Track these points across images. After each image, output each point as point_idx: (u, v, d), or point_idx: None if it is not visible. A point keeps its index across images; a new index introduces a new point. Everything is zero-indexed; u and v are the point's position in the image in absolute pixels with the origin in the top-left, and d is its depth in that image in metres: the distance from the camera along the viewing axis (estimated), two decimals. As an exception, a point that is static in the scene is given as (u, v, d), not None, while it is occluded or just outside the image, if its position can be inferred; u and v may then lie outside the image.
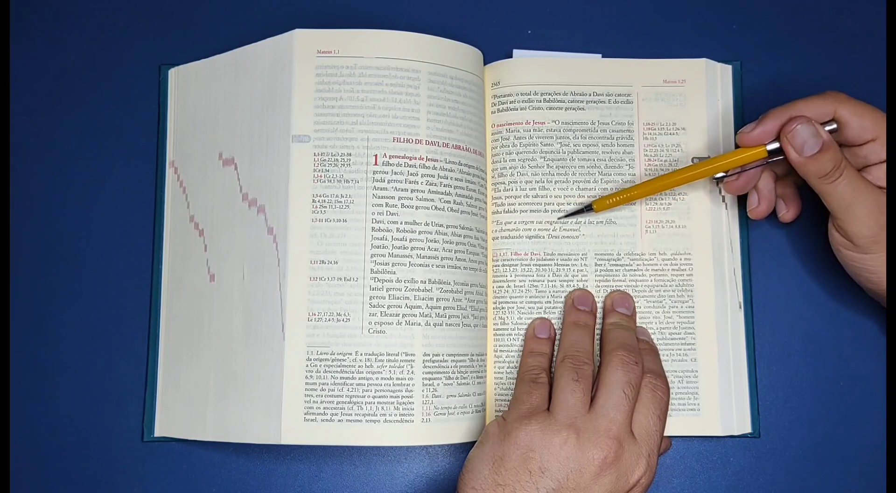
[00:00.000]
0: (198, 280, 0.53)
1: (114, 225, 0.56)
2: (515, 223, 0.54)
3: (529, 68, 0.55)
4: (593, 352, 0.49)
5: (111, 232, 0.56)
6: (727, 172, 0.50)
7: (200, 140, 0.55)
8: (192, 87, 0.56)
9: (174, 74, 0.57)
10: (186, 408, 0.52)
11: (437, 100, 0.51)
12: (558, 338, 0.52)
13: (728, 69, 0.56)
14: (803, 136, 0.46)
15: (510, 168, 0.54)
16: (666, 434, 0.48)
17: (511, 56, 0.57)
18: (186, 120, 0.55)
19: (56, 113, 0.57)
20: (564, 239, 0.53)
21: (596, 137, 0.54)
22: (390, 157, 0.50)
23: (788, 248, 0.55)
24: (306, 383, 0.49)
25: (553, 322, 0.52)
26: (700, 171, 0.50)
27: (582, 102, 0.55)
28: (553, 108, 0.54)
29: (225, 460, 0.54)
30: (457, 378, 0.50)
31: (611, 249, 0.53)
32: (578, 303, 0.52)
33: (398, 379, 0.49)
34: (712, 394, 0.52)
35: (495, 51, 0.56)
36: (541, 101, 0.54)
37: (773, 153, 0.48)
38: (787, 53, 0.57)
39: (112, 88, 0.57)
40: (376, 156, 0.50)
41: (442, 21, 0.57)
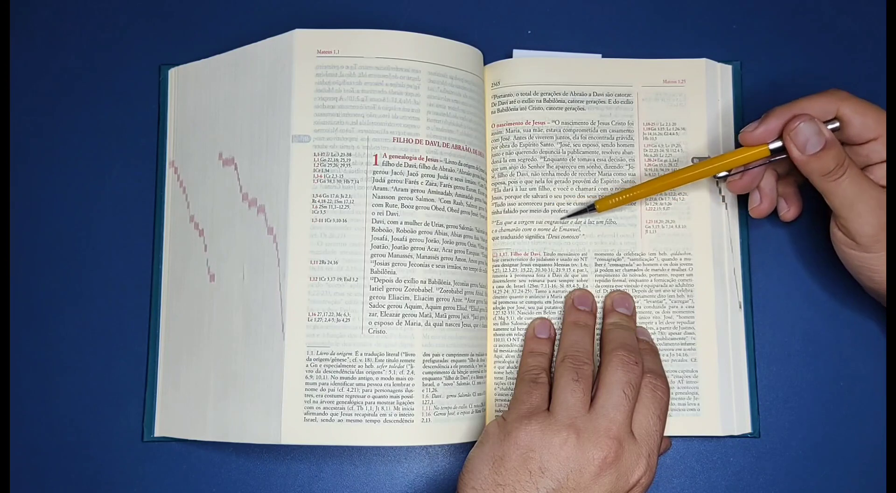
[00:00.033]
0: (198, 280, 0.53)
1: (114, 225, 0.56)
2: (515, 223, 0.54)
3: (529, 68, 0.55)
4: (593, 352, 0.49)
5: (111, 232, 0.56)
6: (730, 171, 0.50)
7: (200, 140, 0.54)
8: (192, 87, 0.56)
9: (174, 74, 0.57)
10: (186, 408, 0.52)
11: (437, 100, 0.51)
12: (558, 338, 0.52)
13: (728, 69, 0.56)
14: (806, 134, 0.46)
15: (510, 168, 0.54)
16: (666, 434, 0.48)
17: (511, 56, 0.57)
18: (186, 120, 0.55)
19: (56, 113, 0.57)
20: (564, 239, 0.53)
21: (596, 137, 0.54)
22: (390, 157, 0.50)
23: (788, 248, 0.55)
24: (306, 383, 0.49)
25: (553, 322, 0.52)
26: (703, 170, 0.50)
27: (582, 102, 0.55)
28: (553, 108, 0.54)
29: (225, 460, 0.54)
30: (457, 378, 0.50)
31: (611, 249, 0.53)
32: (578, 303, 0.52)
33: (398, 379, 0.49)
34: (712, 394, 0.52)
35: (495, 51, 0.56)
36: (541, 101, 0.54)
37: (776, 152, 0.48)
38: (787, 53, 0.57)
39: (112, 88, 0.57)
40: (376, 156, 0.50)
41: (442, 21, 0.57)
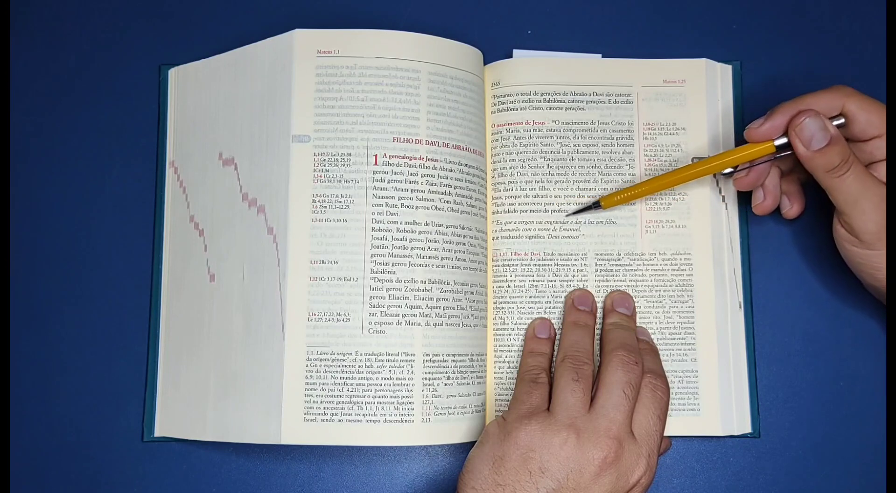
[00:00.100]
0: (198, 280, 0.53)
1: (114, 225, 0.56)
2: (515, 223, 0.54)
3: (529, 68, 0.55)
4: (593, 352, 0.49)
5: (111, 232, 0.56)
6: (736, 167, 0.50)
7: (200, 140, 0.54)
8: (192, 87, 0.56)
9: (174, 74, 0.57)
10: (186, 408, 0.52)
11: (437, 100, 0.51)
12: (558, 338, 0.52)
13: (728, 69, 0.56)
14: (811, 129, 0.46)
15: (510, 168, 0.54)
16: (666, 434, 0.48)
17: (511, 56, 0.57)
18: (186, 120, 0.55)
19: (56, 113, 0.57)
20: (564, 239, 0.53)
21: (596, 137, 0.54)
22: (390, 157, 0.50)
23: (788, 248, 0.55)
24: (306, 383, 0.49)
25: (553, 322, 0.52)
26: (708, 166, 0.50)
27: (582, 102, 0.55)
28: (553, 108, 0.54)
29: (225, 460, 0.54)
30: (457, 378, 0.50)
31: (611, 249, 0.53)
32: (578, 303, 0.52)
33: (398, 379, 0.49)
34: (712, 394, 0.52)
35: (495, 51, 0.56)
36: (541, 101, 0.54)
37: (781, 148, 0.48)
38: (787, 53, 0.57)
39: (112, 88, 0.57)
40: (376, 156, 0.50)
41: (442, 21, 0.57)
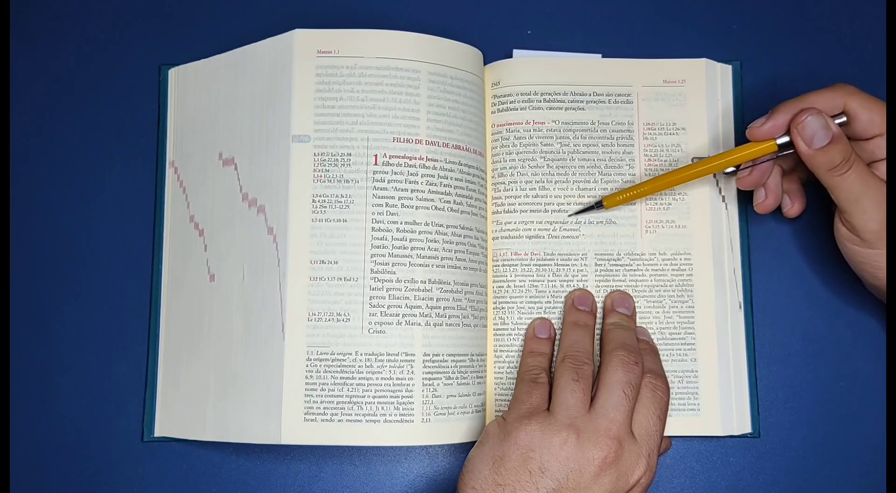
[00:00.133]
0: (198, 280, 0.53)
1: (114, 225, 0.56)
2: (515, 223, 0.54)
3: (529, 68, 0.55)
4: (593, 352, 0.49)
5: (111, 232, 0.56)
6: (738, 167, 0.50)
7: (200, 140, 0.54)
8: (192, 87, 0.56)
9: (174, 74, 0.57)
10: (186, 408, 0.52)
11: (437, 100, 0.51)
12: (558, 338, 0.52)
13: (728, 69, 0.56)
14: (813, 127, 0.46)
15: (510, 168, 0.54)
16: (666, 434, 0.48)
17: (511, 56, 0.57)
18: (186, 120, 0.55)
19: (56, 113, 0.57)
20: (564, 239, 0.53)
21: (596, 137, 0.54)
22: (390, 157, 0.50)
23: (788, 248, 0.55)
24: (306, 383, 0.49)
25: (553, 322, 0.52)
26: (711, 166, 0.50)
27: (582, 102, 0.55)
28: (553, 108, 0.54)
29: (225, 460, 0.54)
30: (457, 378, 0.50)
31: (611, 249, 0.53)
32: (578, 303, 0.52)
33: (398, 379, 0.49)
34: (712, 394, 0.52)
35: (495, 51, 0.56)
36: (541, 101, 0.54)
37: (783, 147, 0.48)
38: (787, 53, 0.57)
39: (112, 88, 0.57)
40: (376, 156, 0.50)
41: (442, 21, 0.57)
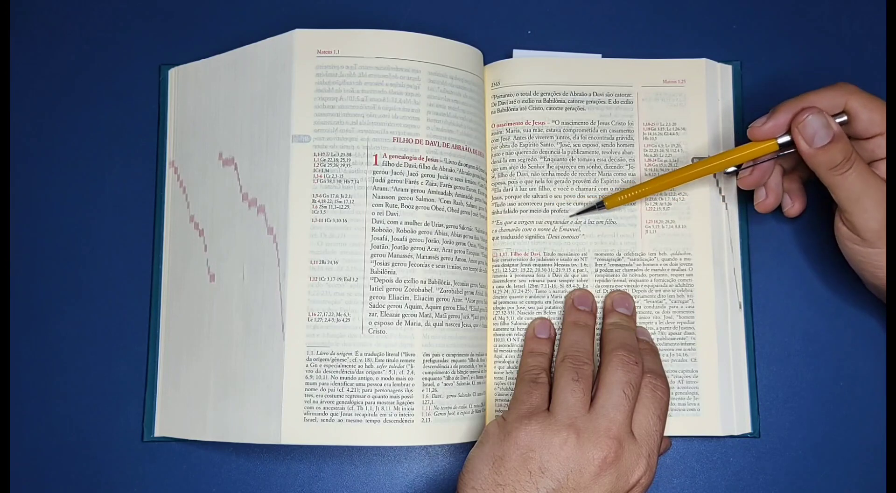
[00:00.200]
0: (198, 280, 0.53)
1: (114, 225, 0.56)
2: (515, 223, 0.54)
3: (529, 68, 0.55)
4: (593, 352, 0.49)
5: (111, 232, 0.56)
6: (739, 166, 0.50)
7: (200, 140, 0.54)
8: (192, 87, 0.56)
9: (174, 74, 0.57)
10: (186, 408, 0.52)
11: (437, 100, 0.51)
12: (558, 338, 0.52)
13: (728, 69, 0.56)
14: (814, 126, 0.46)
15: (510, 168, 0.54)
16: (666, 434, 0.48)
17: (511, 56, 0.57)
18: (186, 120, 0.55)
19: (56, 113, 0.57)
20: (564, 239, 0.53)
21: (596, 137, 0.54)
22: (390, 157, 0.50)
23: (788, 247, 0.55)
24: (306, 383, 0.49)
25: (553, 322, 0.52)
26: (712, 165, 0.50)
27: (582, 102, 0.55)
28: (553, 108, 0.54)
29: (225, 460, 0.54)
30: (457, 378, 0.50)
31: (611, 249, 0.53)
32: (578, 303, 0.52)
33: (398, 379, 0.49)
34: (712, 394, 0.52)
35: (495, 51, 0.56)
36: (541, 101, 0.54)
37: (784, 146, 0.48)
38: (787, 53, 0.57)
39: (112, 88, 0.57)
40: (376, 156, 0.50)
41: (442, 21, 0.57)
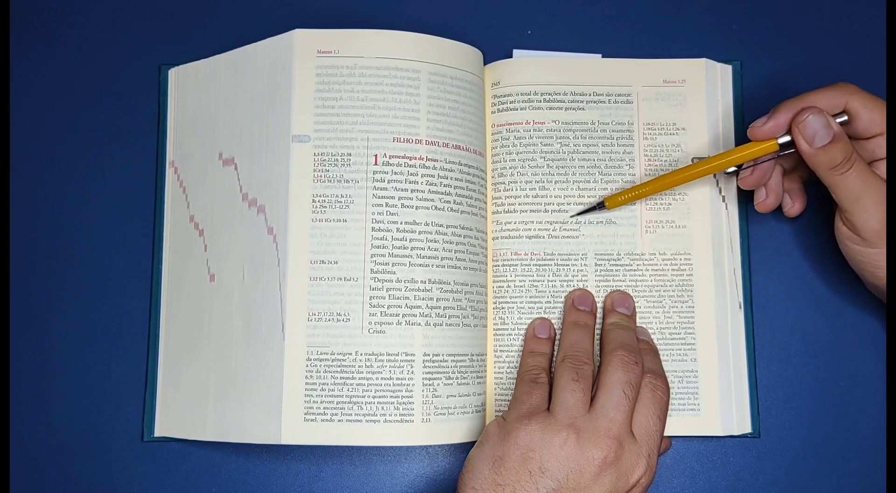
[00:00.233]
0: (198, 280, 0.53)
1: (114, 225, 0.56)
2: (515, 223, 0.54)
3: (529, 68, 0.55)
4: (593, 352, 0.49)
5: (111, 232, 0.56)
6: (740, 166, 0.50)
7: (200, 140, 0.54)
8: (192, 87, 0.56)
9: (174, 74, 0.57)
10: (186, 408, 0.52)
11: (437, 100, 0.51)
12: (558, 338, 0.52)
13: (728, 69, 0.56)
14: (814, 126, 0.46)
15: (510, 168, 0.54)
16: (666, 434, 0.48)
17: (511, 56, 0.57)
18: (186, 120, 0.55)
19: (56, 113, 0.57)
20: (564, 239, 0.53)
21: (596, 137, 0.54)
22: (390, 157, 0.50)
23: (788, 248, 0.55)
24: (306, 383, 0.49)
25: (553, 322, 0.52)
26: (713, 165, 0.50)
27: (582, 102, 0.55)
28: (553, 108, 0.54)
29: (225, 460, 0.54)
30: (457, 378, 0.50)
31: (611, 249, 0.53)
32: (578, 303, 0.52)
33: (398, 379, 0.49)
34: (712, 394, 0.52)
35: (495, 51, 0.56)
36: (541, 101, 0.54)
37: (785, 146, 0.48)
38: (787, 53, 0.57)
39: (112, 88, 0.57)
40: (376, 156, 0.50)
41: (442, 21, 0.57)
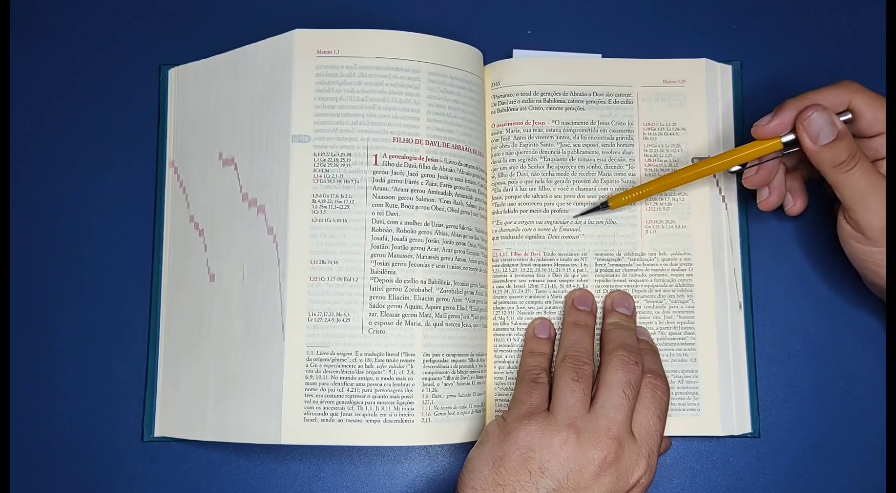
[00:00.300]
0: (198, 280, 0.53)
1: (114, 225, 0.56)
2: (515, 223, 0.54)
3: (529, 68, 0.55)
4: (593, 352, 0.49)
5: (111, 232, 0.56)
6: (744, 165, 0.50)
7: (200, 140, 0.55)
8: (192, 87, 0.56)
9: (174, 74, 0.57)
10: (186, 408, 0.52)
11: (437, 100, 0.51)
12: (558, 338, 0.52)
13: (728, 69, 0.56)
14: (819, 123, 0.46)
15: (510, 168, 0.54)
16: (666, 434, 0.48)
17: (511, 56, 0.57)
18: (186, 120, 0.55)
19: (56, 113, 0.57)
20: (564, 239, 0.53)
21: (596, 137, 0.54)
22: (390, 157, 0.50)
23: (788, 248, 0.55)
24: (306, 383, 0.49)
25: (553, 322, 0.52)
26: (716, 165, 0.50)
27: (582, 102, 0.55)
28: (553, 108, 0.54)
29: (225, 460, 0.54)
30: (457, 378, 0.50)
31: (611, 249, 0.53)
32: (578, 303, 0.52)
33: (398, 379, 0.49)
34: (712, 394, 0.52)
35: (495, 51, 0.56)
36: (541, 101, 0.54)
37: (789, 145, 0.48)
38: (787, 53, 0.57)
39: (112, 88, 0.57)
40: (376, 156, 0.50)
41: (442, 21, 0.57)
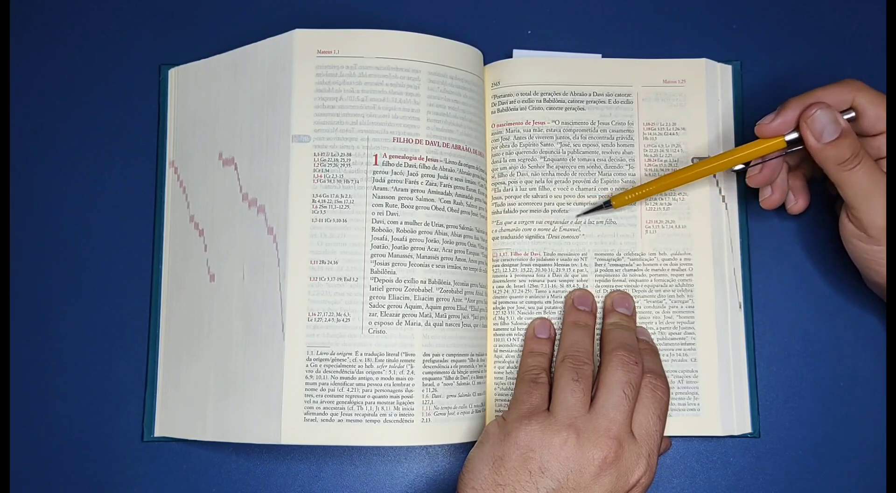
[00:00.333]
0: (198, 280, 0.53)
1: (114, 225, 0.56)
2: (515, 223, 0.54)
3: (529, 68, 0.55)
4: (593, 352, 0.49)
5: (111, 232, 0.56)
6: (747, 164, 0.50)
7: (200, 140, 0.55)
8: (192, 87, 0.56)
9: (174, 74, 0.57)
10: (186, 408, 0.52)
11: (437, 100, 0.51)
12: (558, 338, 0.52)
13: (728, 69, 0.56)
14: (822, 121, 0.46)
15: (510, 168, 0.54)
16: (666, 434, 0.48)
17: (511, 56, 0.57)
18: (186, 120, 0.55)
19: (56, 113, 0.57)
20: (564, 239, 0.53)
21: (596, 137, 0.54)
22: (390, 157, 0.50)
23: (788, 247, 0.55)
24: (306, 383, 0.49)
25: (553, 322, 0.52)
26: (720, 163, 0.50)
27: (582, 102, 0.55)
28: (553, 108, 0.54)
29: (225, 460, 0.54)
30: (457, 378, 0.50)
31: (611, 249, 0.53)
32: (578, 303, 0.52)
33: (398, 379, 0.49)
34: (712, 394, 0.52)
35: (495, 51, 0.56)
36: (541, 101, 0.54)
37: (792, 144, 0.48)
38: (787, 53, 0.57)
39: (112, 88, 0.57)
40: (376, 156, 0.50)
41: (442, 21, 0.57)
